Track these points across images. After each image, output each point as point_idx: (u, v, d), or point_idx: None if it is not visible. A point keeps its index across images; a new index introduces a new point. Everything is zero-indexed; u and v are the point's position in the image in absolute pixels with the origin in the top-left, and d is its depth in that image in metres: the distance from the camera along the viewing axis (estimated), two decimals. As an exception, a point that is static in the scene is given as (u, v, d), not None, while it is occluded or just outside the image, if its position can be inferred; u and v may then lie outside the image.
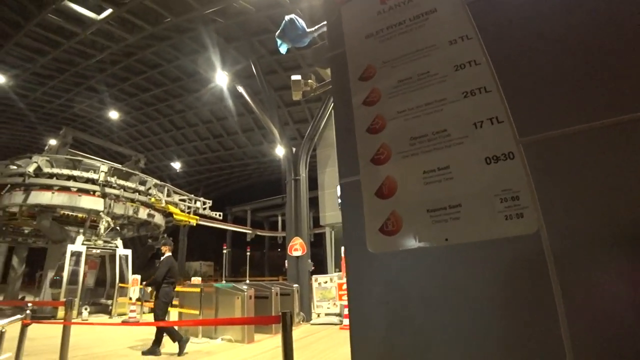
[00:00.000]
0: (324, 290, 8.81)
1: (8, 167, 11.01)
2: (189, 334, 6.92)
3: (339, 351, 5.38)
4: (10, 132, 26.42)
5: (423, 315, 1.06)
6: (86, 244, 10.53)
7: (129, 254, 11.39)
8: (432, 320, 1.05)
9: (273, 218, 32.56)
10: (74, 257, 9.99)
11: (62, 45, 16.80)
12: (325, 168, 12.23)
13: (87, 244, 10.57)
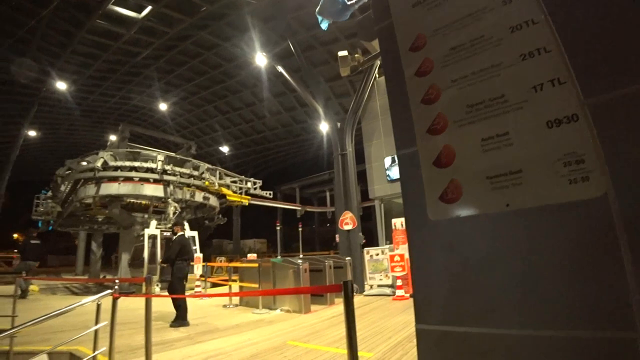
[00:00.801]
0: (376, 262, 8.95)
1: (80, 164, 12.19)
2: (249, 305, 7.48)
3: (393, 320, 5.52)
4: (77, 132, 29.00)
5: (486, 280, 1.10)
6: (159, 228, 11.48)
7: (195, 235, 12.25)
8: (495, 286, 1.08)
9: (321, 194, 33.05)
10: (150, 239, 10.97)
11: (110, 47, 17.94)
12: (372, 141, 12.08)
13: (159, 227, 11.52)
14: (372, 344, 4.19)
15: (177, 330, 5.46)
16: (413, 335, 4.37)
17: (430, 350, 1.19)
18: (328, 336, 4.76)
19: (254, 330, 5.30)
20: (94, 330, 3.54)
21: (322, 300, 7.37)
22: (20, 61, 18.33)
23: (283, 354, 4.02)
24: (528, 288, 1.01)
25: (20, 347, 4.20)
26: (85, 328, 3.65)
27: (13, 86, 20.90)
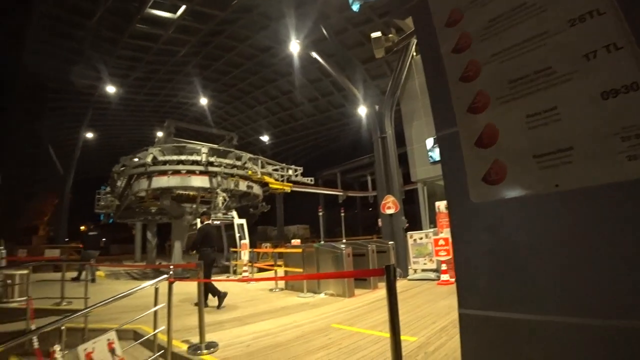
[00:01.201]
0: (420, 246, 8.79)
1: (132, 160, 13.05)
2: (294, 289, 7.69)
3: (437, 305, 5.42)
4: (128, 130, 31.02)
5: (532, 264, 1.05)
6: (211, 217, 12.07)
7: (244, 222, 12.74)
8: (543, 270, 1.03)
9: (363, 178, 32.84)
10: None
11: (151, 49, 18.94)
12: (412, 122, 11.73)
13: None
14: (415, 328, 4.17)
15: (227, 312, 5.77)
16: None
17: (473, 335, 1.17)
18: (371, 319, 4.80)
19: (299, 313, 5.47)
20: (153, 312, 3.84)
21: (365, 285, 7.41)
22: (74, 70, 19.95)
23: (327, 336, 4.12)
24: (577, 274, 0.95)
25: (93, 325, 4.67)
26: (146, 309, 3.97)
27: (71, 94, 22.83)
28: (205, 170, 12.50)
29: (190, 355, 3.66)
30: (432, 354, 3.32)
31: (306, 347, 3.74)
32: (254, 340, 4.10)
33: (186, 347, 3.89)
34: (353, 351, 3.53)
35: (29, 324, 5.78)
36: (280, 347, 3.82)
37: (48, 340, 4.38)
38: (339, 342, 3.86)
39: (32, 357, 5.00)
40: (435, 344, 3.57)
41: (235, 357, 3.53)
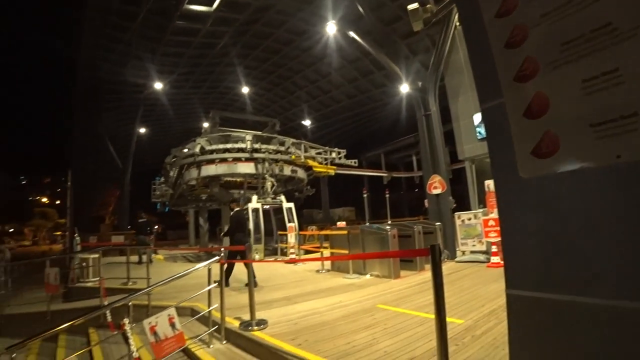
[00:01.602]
0: (468, 227, 8.45)
1: (182, 151, 13.77)
2: (340, 270, 7.78)
3: (487, 288, 5.22)
4: (176, 122, 32.63)
5: (587, 244, 0.97)
6: (260, 202, 12.49)
7: (292, 206, 13.06)
8: (599, 250, 0.94)
9: (407, 158, 32.06)
10: (253, 212, 12.03)
11: (192, 43, 19.66)
12: (457, 97, 11.13)
13: (260, 201, 12.53)
14: (463, 311, 4.07)
15: (276, 292, 5.99)
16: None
17: (522, 318, 1.11)
18: (417, 301, 4.75)
19: (345, 294, 5.55)
20: (207, 291, 4.10)
21: (411, 266, 7.32)
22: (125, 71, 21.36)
23: (372, 316, 4.15)
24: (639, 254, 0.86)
25: (155, 302, 5.10)
26: (200, 289, 4.25)
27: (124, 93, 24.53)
28: (251, 157, 12.88)
29: (242, 331, 3.87)
30: (479, 337, 3.23)
31: (352, 327, 3.80)
32: (301, 319, 4.24)
33: (238, 324, 4.11)
34: (398, 331, 3.54)
35: (102, 300, 6.44)
36: (327, 325, 3.92)
37: (118, 315, 4.85)
38: (384, 322, 3.88)
39: (106, 328, 5.59)
40: (483, 328, 3.46)
41: (284, 334, 3.68)
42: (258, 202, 12.29)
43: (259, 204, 12.22)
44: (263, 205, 12.44)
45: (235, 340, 3.93)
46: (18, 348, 2.65)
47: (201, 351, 3.77)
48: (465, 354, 2.86)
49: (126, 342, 3.29)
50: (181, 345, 3.50)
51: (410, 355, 2.92)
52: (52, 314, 6.59)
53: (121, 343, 4.69)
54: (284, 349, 3.25)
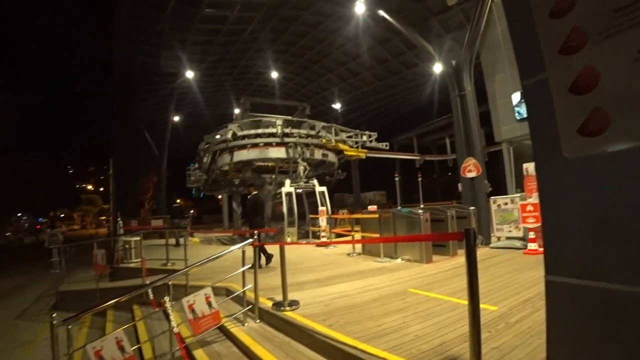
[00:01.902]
0: (504, 212, 8.12)
1: (214, 138, 14.10)
2: (371, 254, 7.78)
3: (523, 275, 5.01)
4: (208, 110, 33.34)
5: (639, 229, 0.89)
6: (293, 185, 12.66)
7: (324, 190, 13.15)
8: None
9: (440, 141, 31.13)
10: (287, 196, 12.24)
11: (220, 31, 19.84)
12: (494, 76, 10.57)
13: (293, 185, 12.70)
14: (497, 298, 3.95)
15: (307, 274, 6.10)
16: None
17: (562, 305, 1.06)
18: (449, 286, 4.67)
19: (375, 277, 5.56)
20: (242, 272, 4.24)
21: (444, 251, 7.18)
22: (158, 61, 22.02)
23: (404, 300, 4.13)
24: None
25: (192, 282, 5.33)
26: (234, 270, 4.40)
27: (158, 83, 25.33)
28: (282, 141, 12.99)
29: (275, 311, 3.99)
30: (513, 325, 3.13)
31: (382, 309, 3.81)
32: (332, 300, 4.30)
33: (271, 304, 4.24)
34: (429, 316, 3.51)
35: (144, 280, 6.83)
36: (357, 307, 3.95)
37: (159, 293, 5.13)
38: (415, 306, 3.86)
39: (148, 305, 5.96)
40: (518, 316, 3.34)
41: (315, 315, 3.76)
42: (291, 186, 12.43)
43: (291, 188, 12.37)
44: (296, 189, 12.58)
45: (269, 320, 4.06)
46: (73, 321, 2.91)
47: (236, 329, 3.93)
48: (499, 341, 2.79)
49: (167, 318, 3.49)
50: (217, 322, 3.67)
51: (441, 340, 2.89)
52: (100, 292, 7.11)
53: (162, 319, 4.99)
54: (316, 329, 3.32)
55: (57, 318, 2.87)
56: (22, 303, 8.91)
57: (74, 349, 2.90)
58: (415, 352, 2.69)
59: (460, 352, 2.64)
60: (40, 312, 8.05)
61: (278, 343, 3.48)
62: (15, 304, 8.90)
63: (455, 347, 2.74)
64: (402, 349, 2.77)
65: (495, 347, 2.69)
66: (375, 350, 2.76)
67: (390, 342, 2.90)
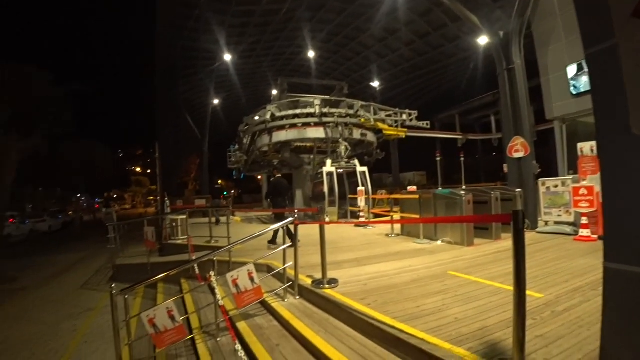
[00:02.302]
0: (554, 195, 7.60)
1: (253, 119, 14.32)
2: (411, 235, 7.67)
3: (573, 263, 4.69)
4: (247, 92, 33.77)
5: None
6: (334, 165, 12.69)
7: (365, 170, 13.07)
8: None
9: (485, 119, 29.47)
10: (328, 176, 12.31)
11: (256, 12, 19.75)
12: (548, 46, 9.73)
13: (335, 165, 12.73)
14: (543, 285, 3.75)
15: (346, 254, 6.15)
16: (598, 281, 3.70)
17: (621, 294, 0.98)
18: (491, 270, 4.51)
19: (414, 258, 5.49)
20: (282, 250, 4.37)
21: (486, 235, 6.92)
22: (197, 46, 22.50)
23: (443, 282, 4.07)
24: None
25: (235, 259, 5.56)
26: (275, 248, 4.51)
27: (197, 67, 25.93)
28: (320, 121, 12.97)
29: (315, 289, 4.09)
30: (560, 314, 2.97)
31: (421, 291, 3.78)
32: (371, 280, 4.33)
33: (310, 281, 4.34)
34: (469, 299, 3.42)
35: (190, 255, 7.24)
36: (395, 288, 3.95)
37: (204, 268, 5.43)
38: (455, 289, 3.78)
39: (194, 280, 6.33)
40: (566, 305, 3.16)
41: (354, 293, 3.80)
42: (332, 166, 12.45)
43: (332, 168, 12.39)
44: (337, 169, 12.59)
45: (308, 296, 4.17)
46: (129, 291, 3.18)
47: (277, 304, 4.08)
48: (543, 329, 2.67)
49: (212, 292, 3.69)
50: (259, 297, 3.82)
51: (482, 324, 2.82)
52: (151, 266, 7.65)
53: (207, 292, 5.28)
54: (354, 307, 3.36)
55: (116, 289, 3.14)
56: (85, 274, 9.85)
57: (130, 316, 3.17)
58: (455, 335, 2.66)
59: (502, 337, 2.57)
60: (100, 282, 8.85)
61: (317, 319, 3.58)
62: (79, 275, 9.84)
63: (496, 332, 2.67)
64: (440, 331, 2.75)
65: (540, 335, 2.58)
66: (413, 330, 2.76)
67: (429, 324, 2.88)
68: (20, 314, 6.79)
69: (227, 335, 3.63)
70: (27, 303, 7.53)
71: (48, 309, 6.97)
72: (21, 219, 19.43)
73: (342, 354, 2.80)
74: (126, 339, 3.18)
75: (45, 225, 23.40)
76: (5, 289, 8.78)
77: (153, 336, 3.14)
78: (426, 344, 2.54)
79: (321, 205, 11.85)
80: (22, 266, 11.26)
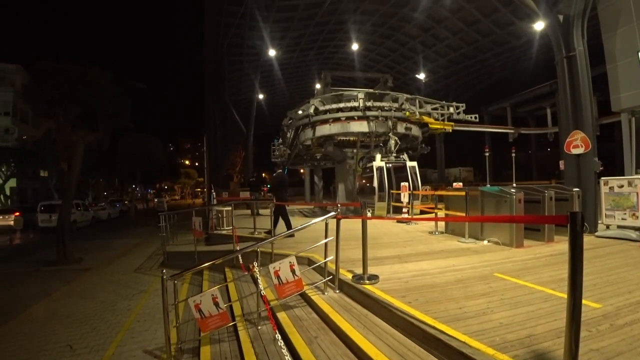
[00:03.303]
0: (618, 196, 6.91)
1: (297, 113, 14.48)
2: (455, 234, 7.42)
3: (638, 272, 4.27)
4: (290, 86, 34.22)
5: None
6: (384, 160, 12.58)
7: (415, 165, 12.82)
8: None
9: (539, 112, 27.39)
10: (378, 170, 12.20)
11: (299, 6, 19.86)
12: (616, 29, 8.81)
13: (384, 159, 12.61)
14: (601, 295, 3.46)
15: (387, 250, 6.09)
16: None
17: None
18: (542, 275, 4.25)
19: (459, 258, 5.32)
20: (324, 244, 4.43)
21: (537, 236, 6.51)
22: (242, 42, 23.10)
23: (489, 284, 3.90)
24: None
25: (277, 250, 5.74)
26: (315, 242, 4.60)
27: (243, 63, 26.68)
28: (363, 115, 12.86)
29: (355, 283, 4.10)
30: (620, 327, 2.72)
31: (465, 292, 3.66)
32: (412, 278, 4.26)
33: (351, 276, 4.36)
34: (517, 304, 3.26)
35: (235, 245, 7.55)
36: (438, 287, 3.86)
37: (247, 259, 5.66)
38: (502, 292, 3.62)
39: (238, 269, 6.60)
40: (628, 318, 2.89)
41: (394, 290, 3.77)
42: (382, 161, 12.34)
43: (382, 162, 12.28)
44: (386, 163, 12.47)
45: (348, 291, 4.20)
46: (178, 277, 3.42)
47: (317, 297, 4.15)
48: (600, 343, 2.47)
49: (254, 282, 3.83)
50: (300, 289, 3.92)
51: (529, 332, 2.67)
52: (198, 254, 8.10)
53: (250, 282, 5.49)
54: (394, 305, 3.34)
55: (166, 274, 3.38)
56: (139, 259, 10.68)
57: (178, 300, 3.39)
58: (499, 341, 2.55)
59: (551, 347, 2.42)
60: (152, 267, 9.54)
61: (356, 314, 3.60)
62: (134, 259, 10.67)
63: (545, 341, 2.52)
64: (484, 334, 2.65)
65: (596, 349, 2.39)
66: (455, 332, 2.69)
67: (472, 327, 2.79)
68: (85, 292, 7.51)
69: (267, 324, 3.76)
70: (90, 282, 8.31)
71: (107, 289, 7.65)
72: (85, 206, 21.39)
73: (380, 351, 2.79)
74: (174, 321, 3.42)
75: (105, 213, 25.69)
76: (73, 268, 9.75)
77: (198, 320, 3.35)
78: (468, 347, 2.46)
79: (364, 200, 11.78)
80: (86, 249, 12.39)
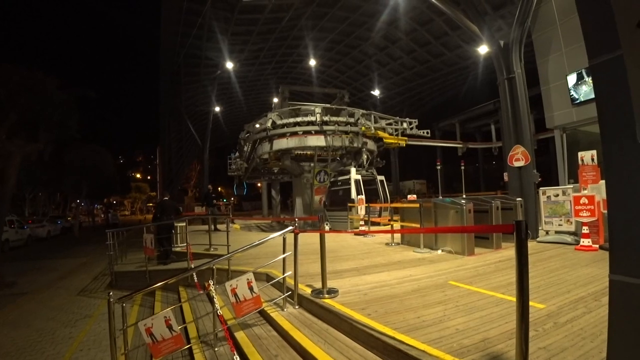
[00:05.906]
0: (555, 204, 7.57)
1: (254, 127, 14.37)
2: (410, 244, 7.62)
3: (575, 272, 4.64)
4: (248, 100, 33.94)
5: None
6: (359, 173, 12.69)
7: (383, 179, 13.16)
8: None
9: (485, 127, 29.46)
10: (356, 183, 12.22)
11: (259, 20, 19.95)
12: (547, 55, 9.79)
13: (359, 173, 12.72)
14: (545, 296, 3.71)
15: (346, 262, 6.10)
16: (601, 292, 3.68)
17: (628, 308, 0.96)
18: (492, 280, 4.47)
19: (415, 268, 5.45)
20: (282, 259, 4.32)
21: (486, 244, 6.89)
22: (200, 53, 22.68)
23: (444, 292, 4.02)
24: None
25: (234, 267, 5.53)
26: (274, 257, 4.48)
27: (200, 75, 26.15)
28: (320, 129, 13.01)
29: (314, 298, 4.04)
30: (563, 325, 2.93)
31: (422, 301, 3.73)
32: (371, 290, 4.28)
33: (310, 291, 4.29)
34: (471, 310, 3.38)
35: (189, 263, 7.18)
36: (396, 298, 3.90)
37: (203, 277, 5.38)
38: (456, 299, 3.74)
39: (193, 288, 6.27)
40: (568, 316, 3.12)
41: (354, 303, 3.75)
42: (357, 174, 12.54)
43: (359, 175, 12.47)
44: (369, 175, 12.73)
45: (308, 306, 4.12)
46: (127, 299, 3.14)
47: (276, 314, 4.03)
48: (546, 341, 2.63)
49: (210, 301, 3.65)
50: (258, 306, 3.78)
51: (483, 336, 2.78)
52: (150, 273, 7.58)
53: (206, 301, 5.23)
54: (354, 318, 3.32)
55: (114, 296, 3.10)
56: (83, 281, 9.76)
57: (127, 324, 3.12)
58: (456, 347, 2.61)
59: (504, 349, 2.53)
60: (98, 289, 8.77)
61: (317, 329, 3.53)
62: (77, 281, 9.76)
63: (499, 344, 2.63)
64: (442, 342, 2.70)
65: (543, 347, 2.54)
66: (414, 342, 2.71)
67: (430, 335, 2.84)
68: (18, 320, 6.71)
69: (225, 345, 3.58)
70: (25, 309, 7.46)
71: (45, 315, 6.89)
72: (20, 223, 19.27)
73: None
74: (122, 348, 3.13)
75: (44, 230, 23.32)
76: (5, 294, 8.71)
77: (150, 345, 3.09)
78: (427, 355, 2.49)
79: (321, 214, 11.85)
80: (22, 271, 11.19)
